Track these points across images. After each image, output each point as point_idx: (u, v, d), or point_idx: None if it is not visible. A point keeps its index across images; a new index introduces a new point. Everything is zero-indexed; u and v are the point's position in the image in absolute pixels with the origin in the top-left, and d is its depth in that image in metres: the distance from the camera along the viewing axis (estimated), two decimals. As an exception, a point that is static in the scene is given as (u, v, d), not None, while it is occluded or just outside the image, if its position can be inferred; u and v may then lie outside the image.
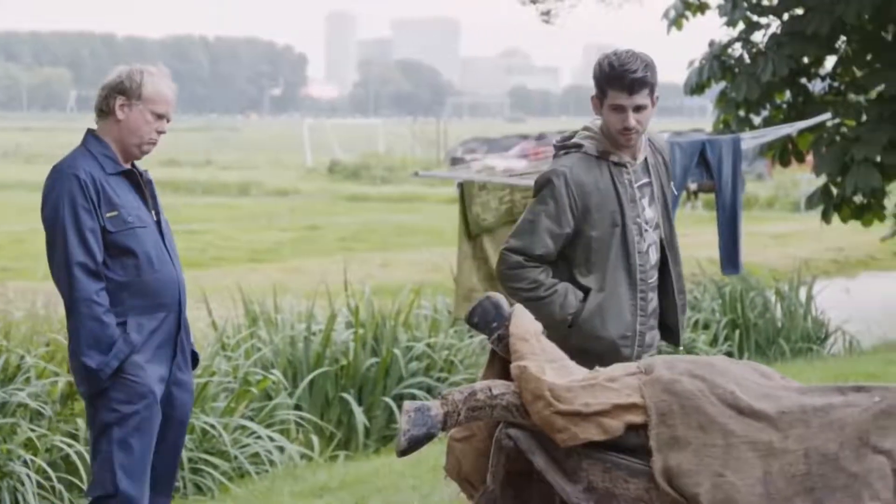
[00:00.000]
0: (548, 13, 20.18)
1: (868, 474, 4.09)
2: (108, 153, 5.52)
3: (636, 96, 5.25)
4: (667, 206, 5.48)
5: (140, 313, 5.44)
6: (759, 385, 4.45)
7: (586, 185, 5.29)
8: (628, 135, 5.29)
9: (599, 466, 4.36)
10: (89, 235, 5.39)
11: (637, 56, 5.30)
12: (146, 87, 5.51)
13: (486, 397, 4.46)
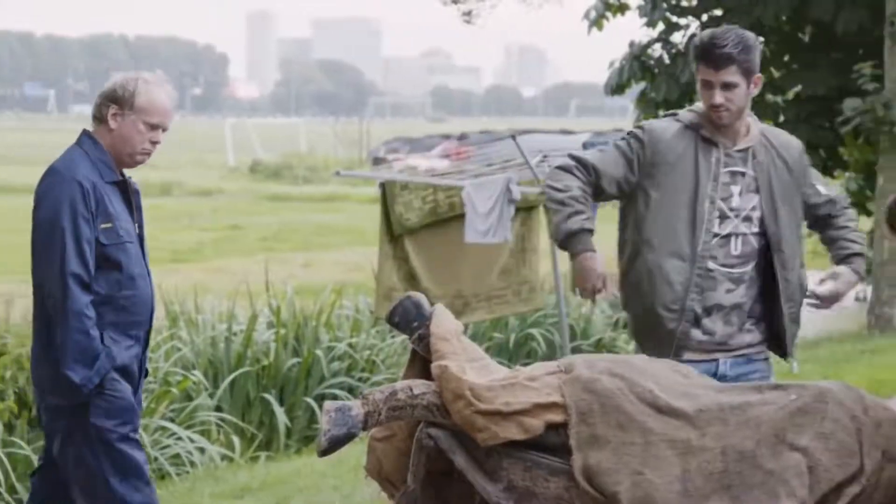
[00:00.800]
0: (469, 13, 20.24)
1: (784, 471, 4.13)
2: (105, 160, 5.37)
3: (722, 73, 5.13)
4: (775, 209, 5.25)
5: (115, 330, 5.31)
6: (678, 383, 4.48)
7: (663, 144, 5.22)
8: (718, 112, 5.16)
9: (520, 465, 4.36)
10: (86, 246, 5.23)
11: (733, 33, 5.20)
12: (139, 96, 5.35)
13: (406, 397, 4.45)
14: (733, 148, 5.24)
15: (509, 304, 11.14)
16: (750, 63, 5.16)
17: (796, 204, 5.34)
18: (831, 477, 4.13)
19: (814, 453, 4.14)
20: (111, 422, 5.22)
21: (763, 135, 5.32)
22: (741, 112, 5.20)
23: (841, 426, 4.19)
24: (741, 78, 5.14)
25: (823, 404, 4.23)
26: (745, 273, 5.23)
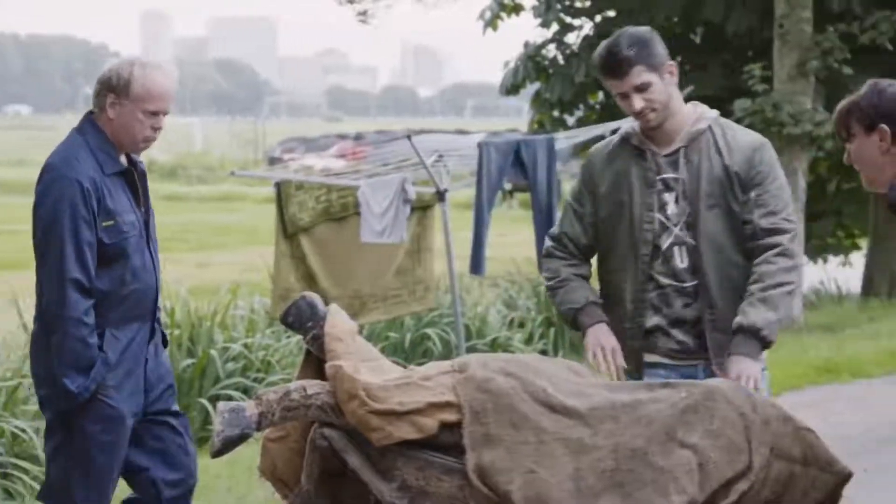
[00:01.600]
0: (364, 13, 20.22)
1: (675, 469, 4.17)
2: (106, 149, 5.24)
3: (629, 78, 4.96)
4: (697, 212, 4.98)
5: (116, 325, 5.20)
6: (571, 382, 4.51)
7: (599, 167, 5.12)
8: (643, 116, 4.99)
9: (414, 465, 4.38)
10: (86, 250, 5.10)
11: (625, 34, 5.03)
12: (135, 84, 5.21)
13: (300, 397, 4.45)
14: (662, 154, 5.05)
15: (405, 304, 11.14)
16: (652, 57, 4.98)
17: (735, 207, 5.00)
18: (721, 474, 4.18)
19: (704, 451, 4.19)
20: (96, 426, 5.14)
21: (710, 130, 5.06)
22: (667, 107, 5.01)
23: (730, 424, 4.24)
24: (650, 74, 4.98)
25: (713, 402, 4.28)
26: (700, 284, 5.00)
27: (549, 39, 19.44)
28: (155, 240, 5.39)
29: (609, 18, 19.05)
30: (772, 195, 5.01)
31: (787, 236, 4.98)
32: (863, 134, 4.57)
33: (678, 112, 5.07)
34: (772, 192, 5.01)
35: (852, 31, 16.57)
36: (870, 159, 4.57)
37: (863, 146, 4.58)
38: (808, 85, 16.19)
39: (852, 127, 4.60)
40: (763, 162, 5.02)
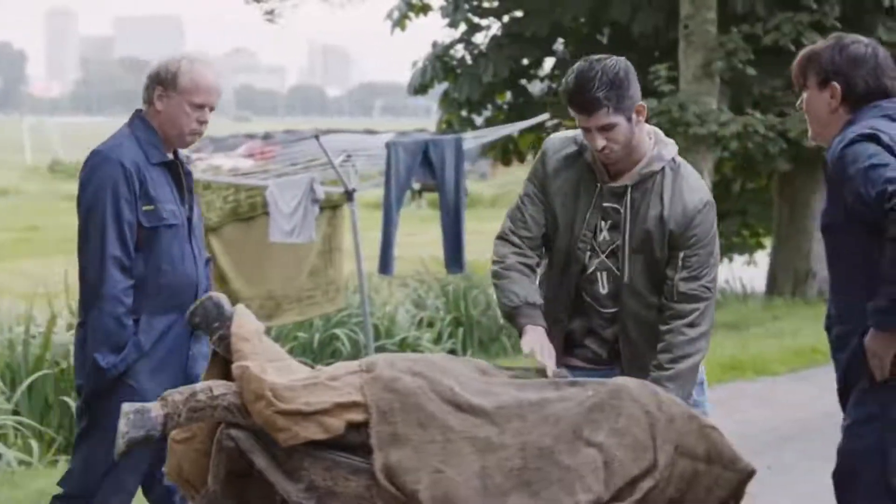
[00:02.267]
0: (272, 12, 20.15)
1: (581, 467, 4.19)
2: (153, 141, 5.36)
3: (594, 118, 4.81)
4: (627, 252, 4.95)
5: (152, 312, 5.28)
6: (479, 381, 4.52)
7: (553, 164, 5.05)
8: (602, 154, 4.88)
9: (321, 465, 4.36)
10: (127, 229, 5.24)
11: (599, 70, 4.80)
12: (182, 77, 5.34)
13: (207, 398, 4.42)
14: (610, 185, 4.97)
15: (318, 305, 11.12)
16: (623, 100, 4.81)
17: (659, 261, 4.96)
18: (626, 472, 4.21)
19: (609, 449, 4.22)
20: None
21: (661, 173, 4.97)
22: (628, 146, 4.90)
23: (635, 422, 4.27)
24: (618, 117, 4.82)
25: (618, 401, 4.30)
26: (618, 312, 5.01)
27: (457, 39, 19.49)
28: (199, 237, 5.50)
29: (517, 19, 19.12)
30: (699, 260, 4.93)
31: (703, 304, 4.92)
32: (816, 87, 4.60)
33: (638, 149, 4.96)
34: (700, 257, 4.94)
35: (756, 33, 16.78)
36: (818, 113, 4.62)
37: (814, 99, 4.62)
38: (713, 85, 16.37)
39: (808, 77, 4.61)
40: (701, 226, 4.94)
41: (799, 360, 12.95)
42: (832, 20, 16.69)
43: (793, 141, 16.51)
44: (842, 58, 4.55)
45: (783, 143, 16.50)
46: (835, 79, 4.55)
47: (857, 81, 4.54)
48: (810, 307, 17.59)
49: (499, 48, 18.77)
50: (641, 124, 4.94)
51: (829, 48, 4.59)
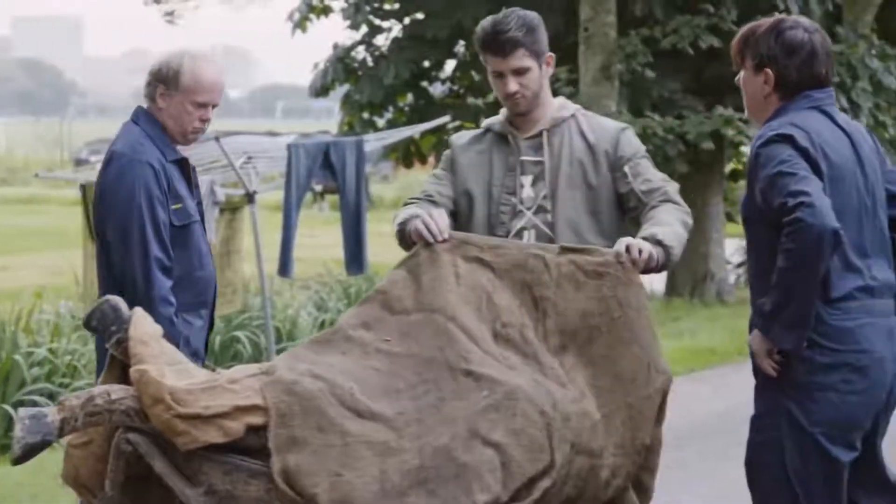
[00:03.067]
0: (171, 13, 20.02)
1: (479, 466, 4.21)
2: (163, 138, 5.32)
3: (510, 59, 4.93)
4: (556, 193, 4.98)
5: (187, 310, 5.28)
6: (378, 381, 4.52)
7: (459, 149, 5.14)
8: (514, 99, 4.98)
9: (220, 469, 4.35)
10: (164, 230, 5.21)
11: (515, 15, 4.97)
12: (184, 75, 5.26)
13: (104, 402, 4.39)
14: (524, 137, 5.06)
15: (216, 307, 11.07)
16: (538, 44, 4.98)
17: (598, 189, 5.02)
18: (523, 472, 4.24)
19: (506, 449, 4.24)
20: None
21: (574, 118, 5.08)
22: (538, 96, 5.02)
23: (531, 422, 4.30)
24: (531, 60, 4.97)
25: (514, 401, 4.33)
26: None
27: (358, 41, 19.47)
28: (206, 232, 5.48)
29: (417, 21, 19.13)
30: (644, 166, 5.05)
31: (671, 187, 5.02)
32: (751, 70, 4.65)
33: (546, 102, 5.09)
34: (643, 164, 5.06)
35: (654, 36, 16.95)
36: (753, 95, 4.67)
37: (749, 81, 4.68)
38: (613, 88, 16.48)
39: (745, 58, 4.65)
40: (630, 142, 5.08)
41: (697, 360, 13.10)
42: (729, 23, 16.89)
43: (691, 143, 16.68)
44: (777, 44, 4.59)
45: (681, 146, 16.66)
46: (769, 65, 4.61)
47: (790, 70, 4.59)
48: (708, 308, 17.79)
49: (400, 50, 18.78)
50: (548, 77, 5.08)
51: (766, 32, 4.61)
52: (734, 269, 22.64)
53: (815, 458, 4.54)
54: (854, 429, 4.56)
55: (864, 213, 4.57)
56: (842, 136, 4.60)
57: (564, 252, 4.72)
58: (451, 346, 4.53)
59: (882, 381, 4.55)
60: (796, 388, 4.55)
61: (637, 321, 4.62)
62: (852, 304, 4.50)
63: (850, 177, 4.54)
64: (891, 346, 4.56)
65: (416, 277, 4.75)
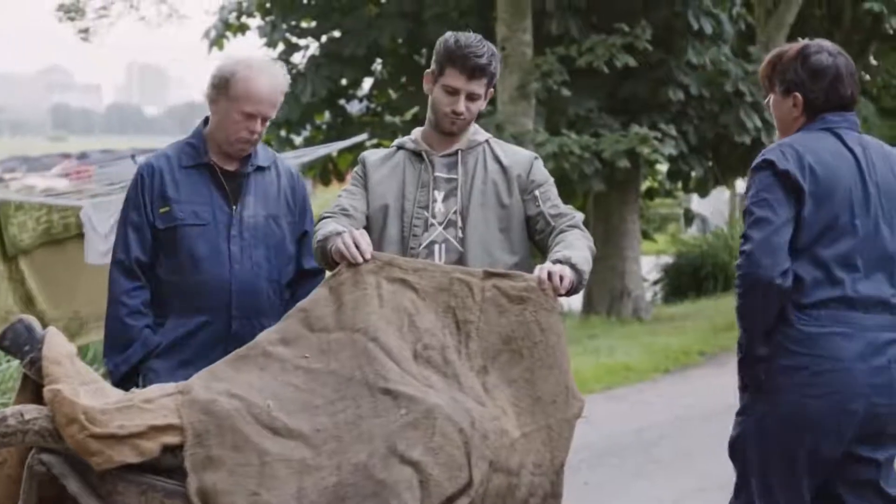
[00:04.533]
0: (86, 30, 19.86)
1: (396, 484, 4.20)
2: (194, 143, 5.28)
3: (473, 83, 5.03)
4: (466, 211, 5.07)
5: (179, 314, 5.20)
6: (297, 397, 4.50)
7: (372, 166, 5.18)
8: (455, 119, 5.06)
9: (135, 489, 4.32)
10: (130, 231, 5.21)
11: (485, 44, 5.07)
12: (236, 84, 5.16)
13: (17, 422, 4.34)
14: (439, 154, 5.15)
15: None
16: (494, 77, 5.11)
17: (510, 210, 5.13)
18: (441, 490, 4.23)
19: (424, 468, 4.23)
20: None
21: (487, 143, 5.21)
22: (471, 123, 5.16)
23: (449, 440, 4.29)
24: (486, 90, 5.10)
25: (432, 420, 4.32)
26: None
27: (275, 59, 19.43)
28: (248, 239, 5.30)
29: (335, 39, 19.14)
30: (553, 194, 5.19)
31: (577, 217, 5.14)
32: (780, 95, 4.87)
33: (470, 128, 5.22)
34: (553, 192, 5.20)
35: (570, 55, 17.05)
36: (782, 118, 4.89)
37: (778, 104, 4.90)
38: (529, 106, 16.58)
39: (774, 84, 4.88)
40: (541, 170, 5.22)
41: (613, 377, 13.15)
42: (644, 43, 17.04)
43: (607, 162, 16.79)
44: (804, 70, 4.79)
45: (597, 164, 16.77)
46: (796, 89, 4.81)
47: (817, 93, 4.79)
48: (625, 326, 17.88)
49: (317, 68, 18.76)
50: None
51: (793, 59, 4.83)
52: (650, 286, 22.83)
53: (775, 457, 4.71)
54: (811, 430, 4.65)
55: (859, 231, 4.70)
56: (846, 156, 4.76)
57: (489, 277, 4.77)
58: (370, 365, 4.53)
59: (850, 390, 4.64)
60: (760, 388, 4.73)
61: (557, 346, 4.67)
62: (822, 312, 4.65)
63: (843, 195, 4.69)
64: (871, 358, 4.65)
65: (338, 297, 4.75)
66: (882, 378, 4.65)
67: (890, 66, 27.24)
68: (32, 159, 54.09)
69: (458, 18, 18.14)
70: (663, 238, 30.28)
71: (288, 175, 5.48)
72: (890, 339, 4.68)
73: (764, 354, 4.68)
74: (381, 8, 18.95)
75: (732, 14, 19.22)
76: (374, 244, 5.00)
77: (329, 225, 5.03)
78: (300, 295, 5.34)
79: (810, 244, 4.64)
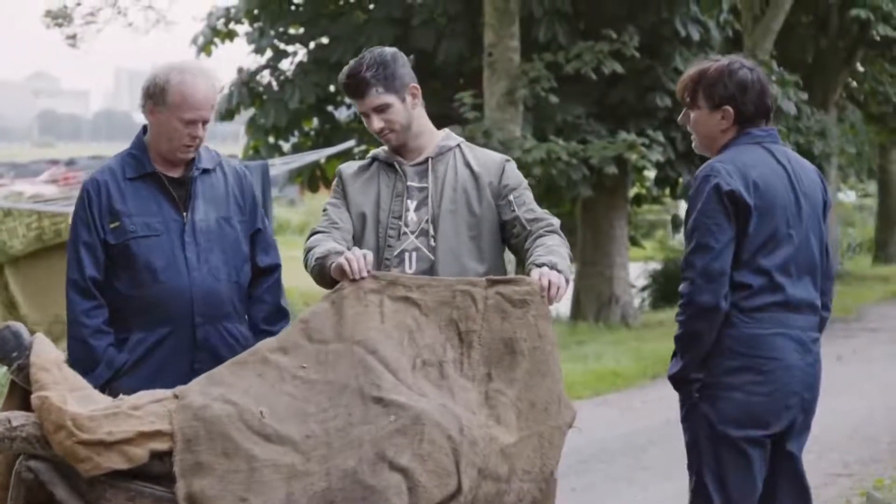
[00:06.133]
0: (74, 37, 19.83)
1: (385, 490, 4.21)
2: (136, 154, 5.18)
3: (367, 99, 5.06)
4: (437, 218, 5.09)
5: (142, 327, 5.10)
6: (290, 404, 4.49)
7: (349, 178, 5.20)
8: (383, 136, 5.10)
9: (123, 495, 4.32)
10: (83, 250, 5.09)
11: (368, 55, 5.08)
12: (171, 92, 5.06)
13: (5, 429, 4.34)
14: (410, 164, 5.16)
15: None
16: (392, 79, 5.06)
17: (480, 217, 5.14)
18: (430, 497, 4.23)
19: (413, 474, 4.24)
20: None
21: (459, 148, 5.21)
22: (409, 128, 5.12)
23: (438, 447, 4.29)
24: (389, 96, 5.06)
25: (421, 426, 4.32)
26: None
27: (263, 65, 19.45)
28: (203, 244, 5.20)
29: (322, 45, 19.14)
30: (528, 197, 5.19)
31: (554, 222, 5.13)
32: (707, 109, 5.04)
33: (424, 131, 5.21)
34: (527, 195, 5.20)
35: (558, 61, 17.07)
36: (707, 131, 5.07)
37: (705, 118, 5.06)
38: (517, 113, 16.59)
39: (699, 99, 5.05)
40: (513, 173, 5.21)
41: (601, 383, 13.16)
42: (632, 49, 17.06)
43: (594, 168, 16.81)
44: (732, 84, 4.99)
45: (585, 170, 16.79)
46: (727, 103, 5.01)
47: (747, 105, 5.02)
48: (613, 332, 17.90)
49: (305, 74, 18.77)
50: (419, 107, 5.19)
51: (718, 74, 5.02)
52: (638, 292, 22.84)
53: (727, 454, 4.93)
54: (760, 427, 4.93)
55: (794, 240, 4.98)
56: (780, 171, 5.01)
57: (492, 284, 4.79)
58: (365, 375, 4.54)
59: (789, 387, 4.94)
60: (708, 389, 4.95)
61: (552, 354, 4.73)
62: (765, 315, 4.92)
63: (781, 207, 4.96)
64: (802, 356, 4.97)
65: (339, 310, 4.76)
66: (811, 374, 5.00)
67: (876, 72, 27.31)
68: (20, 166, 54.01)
69: (445, 24, 18.17)
70: (651, 244, 30.32)
71: (234, 174, 5.39)
72: (815, 337, 5.04)
73: (699, 377, 4.94)
74: (369, 14, 18.97)
75: (720, 21, 19.25)
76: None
77: (326, 243, 5.04)
78: (257, 294, 5.39)
79: (754, 254, 4.90)
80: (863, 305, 21.96)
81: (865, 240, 35.40)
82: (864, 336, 17.68)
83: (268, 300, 5.41)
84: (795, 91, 19.51)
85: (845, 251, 32.26)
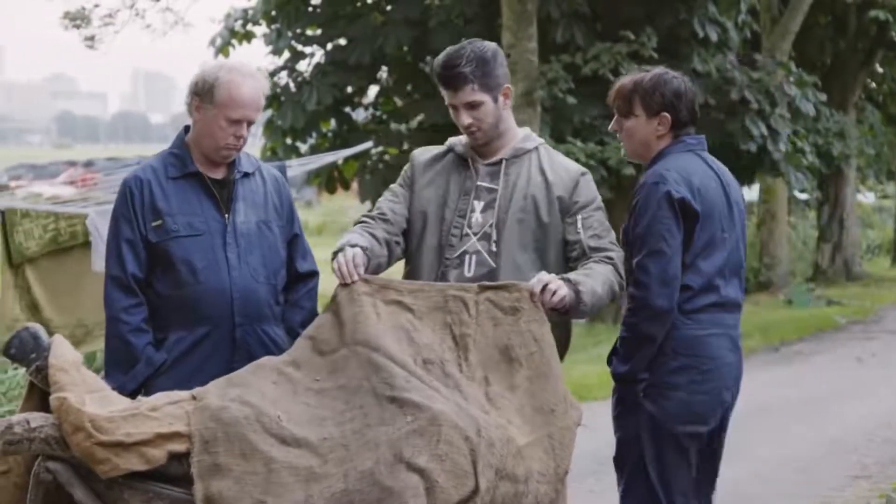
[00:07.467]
0: (92, 38, 19.85)
1: (403, 491, 4.21)
2: (178, 153, 5.18)
3: (461, 94, 5.01)
4: (502, 224, 5.04)
5: (181, 327, 5.09)
6: (306, 409, 4.51)
7: (420, 167, 5.18)
8: (469, 132, 5.06)
9: (141, 497, 4.33)
10: (125, 247, 5.08)
11: (469, 48, 5.04)
12: (219, 90, 5.08)
13: (23, 430, 4.35)
14: (484, 163, 5.12)
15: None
16: (489, 77, 5.04)
17: (547, 227, 5.10)
18: (447, 497, 4.24)
19: (430, 475, 4.24)
20: None
21: (536, 151, 5.16)
22: (495, 128, 5.09)
23: (455, 448, 4.30)
24: (484, 94, 5.04)
25: (437, 427, 4.33)
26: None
27: (281, 67, 19.44)
28: (244, 245, 5.21)
29: (340, 46, 19.13)
30: (597, 220, 5.18)
31: (616, 254, 5.13)
32: (644, 116, 5.14)
33: (507, 132, 5.17)
34: (596, 218, 5.18)
35: (576, 62, 17.06)
36: (644, 138, 5.18)
37: (642, 126, 5.17)
38: (535, 114, 16.56)
39: (635, 107, 5.15)
40: (586, 189, 5.19)
41: (619, 384, 13.11)
42: (650, 51, 17.04)
43: (612, 169, 16.79)
44: (668, 92, 5.13)
45: (603, 172, 16.77)
46: (665, 110, 5.14)
47: (682, 111, 5.18)
48: (630, 333, 17.83)
49: (322, 76, 18.76)
50: (509, 108, 5.15)
51: (654, 83, 5.15)
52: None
53: (669, 449, 5.12)
54: (701, 423, 5.15)
55: (727, 243, 5.17)
56: (714, 177, 5.20)
57: (483, 290, 4.82)
58: (376, 374, 4.55)
59: (726, 383, 5.17)
60: (651, 388, 5.11)
61: (552, 356, 4.79)
62: (703, 316, 5.10)
63: (717, 212, 5.14)
64: (734, 353, 5.21)
65: (338, 317, 4.81)
66: (739, 370, 5.25)
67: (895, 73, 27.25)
68: (39, 167, 54.15)
69: (463, 26, 18.15)
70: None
71: (272, 180, 5.42)
72: (738, 334, 5.28)
73: (645, 377, 5.08)
74: (387, 16, 18.96)
75: (738, 22, 19.21)
76: (413, 251, 5.12)
77: (350, 234, 5.06)
78: (294, 298, 5.40)
79: (695, 258, 5.06)
80: (882, 307, 21.84)
81: (884, 241, 35.20)
82: (883, 338, 17.59)
83: (305, 305, 5.42)
84: (814, 92, 19.48)
85: (864, 253, 32.08)
